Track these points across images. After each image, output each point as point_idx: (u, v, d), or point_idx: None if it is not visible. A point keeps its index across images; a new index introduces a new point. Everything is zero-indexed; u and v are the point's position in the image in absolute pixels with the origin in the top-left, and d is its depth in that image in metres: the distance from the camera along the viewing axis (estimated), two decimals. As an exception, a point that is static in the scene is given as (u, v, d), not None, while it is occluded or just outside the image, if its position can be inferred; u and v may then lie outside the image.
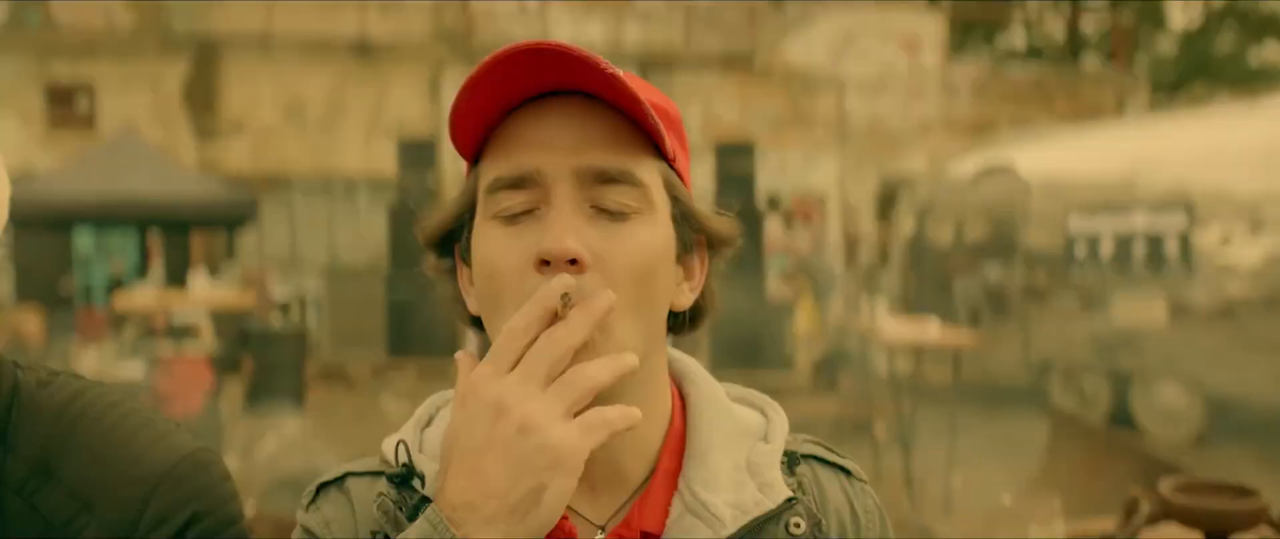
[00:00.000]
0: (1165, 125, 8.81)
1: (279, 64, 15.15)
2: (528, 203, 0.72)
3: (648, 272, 0.72)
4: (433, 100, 15.58)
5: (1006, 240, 8.83)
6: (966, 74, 16.88)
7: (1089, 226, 7.86)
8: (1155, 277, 7.36)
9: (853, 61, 16.23)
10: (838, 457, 0.84)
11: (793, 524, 0.76)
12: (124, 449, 0.80)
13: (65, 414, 0.80)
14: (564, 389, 0.65)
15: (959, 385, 6.18)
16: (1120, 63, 17.99)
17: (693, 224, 0.77)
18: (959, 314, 9.25)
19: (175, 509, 0.79)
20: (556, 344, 0.66)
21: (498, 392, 0.65)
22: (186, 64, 15.17)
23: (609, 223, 0.72)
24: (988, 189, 9.16)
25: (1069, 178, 8.32)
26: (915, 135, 16.07)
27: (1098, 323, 7.88)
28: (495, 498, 0.64)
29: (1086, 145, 8.76)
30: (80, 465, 0.78)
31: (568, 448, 0.64)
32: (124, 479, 0.78)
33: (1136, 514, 1.80)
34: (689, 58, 15.87)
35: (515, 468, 0.64)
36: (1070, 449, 3.59)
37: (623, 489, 0.77)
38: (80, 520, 0.75)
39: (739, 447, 0.79)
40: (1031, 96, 16.94)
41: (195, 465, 0.81)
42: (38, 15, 15.10)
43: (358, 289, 12.21)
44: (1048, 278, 8.37)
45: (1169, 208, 7.26)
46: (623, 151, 0.72)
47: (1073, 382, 8.17)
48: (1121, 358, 7.71)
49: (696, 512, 0.75)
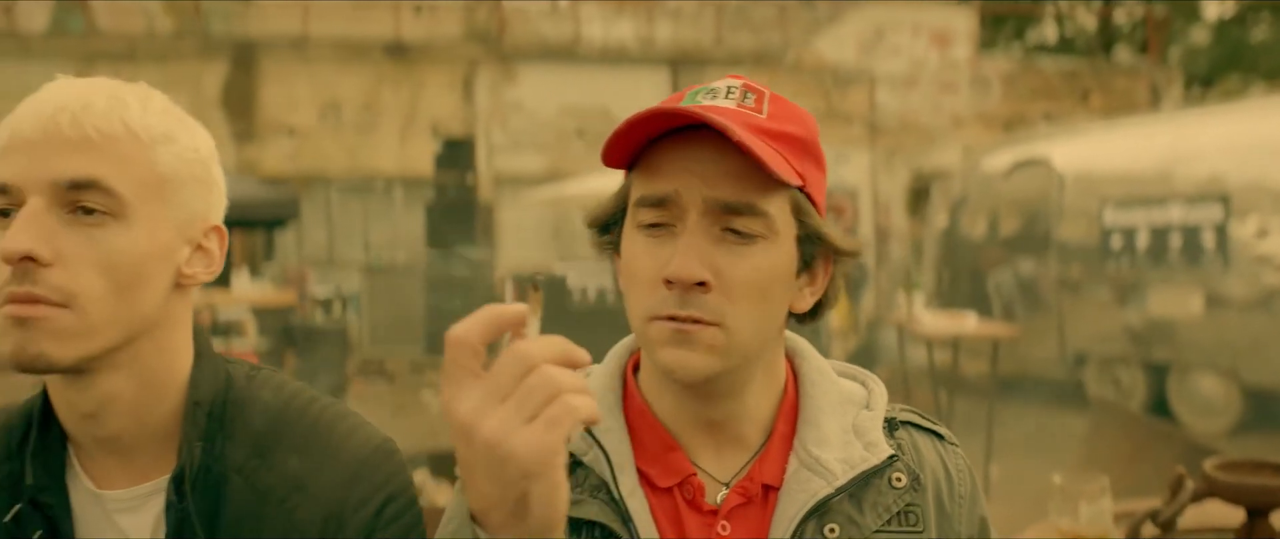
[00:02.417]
0: (1201, 118, 8.80)
1: (315, 65, 15.39)
2: (666, 219, 0.84)
3: (764, 289, 0.84)
4: (466, 99, 15.75)
5: (1040, 233, 8.85)
6: (998, 67, 16.83)
7: (1124, 219, 7.88)
8: (1191, 268, 7.38)
9: (883, 57, 16.24)
10: (931, 423, 0.95)
11: (894, 478, 0.88)
12: (328, 438, 0.92)
13: (275, 405, 0.92)
14: (523, 398, 0.65)
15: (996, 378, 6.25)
16: (1154, 54, 17.85)
17: (817, 242, 0.87)
18: (992, 307, 9.29)
19: (374, 491, 0.91)
20: (515, 360, 0.66)
21: (462, 413, 0.66)
22: (225, 66, 15.44)
23: (735, 244, 0.83)
24: (1021, 182, 9.18)
25: (1104, 171, 8.34)
26: (947, 129, 16.06)
27: (1133, 315, 7.90)
28: (495, 508, 0.68)
29: (1122, 138, 8.77)
30: (291, 451, 0.90)
31: (530, 454, 0.64)
32: (331, 464, 0.91)
33: (1182, 491, 1.89)
34: (719, 55, 15.94)
35: (496, 482, 0.66)
36: (1111, 436, 3.66)
37: (743, 450, 0.89)
38: (293, 499, 0.87)
39: (845, 412, 0.90)
40: (1064, 89, 16.87)
41: (385, 454, 0.94)
42: (80, 20, 15.41)
43: (396, 286, 12.41)
44: (1082, 271, 8.39)
45: (1205, 200, 7.27)
46: (749, 186, 0.82)
47: (1109, 373, 8.19)
48: (1157, 350, 7.74)
49: (811, 466, 0.87)
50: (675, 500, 0.88)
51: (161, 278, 0.87)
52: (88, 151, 0.83)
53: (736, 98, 0.86)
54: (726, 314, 0.83)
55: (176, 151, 0.89)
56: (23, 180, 0.82)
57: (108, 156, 0.84)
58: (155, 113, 0.89)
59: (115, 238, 0.84)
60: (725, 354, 0.85)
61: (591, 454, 0.88)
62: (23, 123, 0.83)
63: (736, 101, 0.86)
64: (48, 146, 0.82)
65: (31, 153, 0.82)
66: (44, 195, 0.81)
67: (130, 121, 0.85)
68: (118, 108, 0.85)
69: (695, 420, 0.90)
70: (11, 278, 0.80)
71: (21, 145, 0.82)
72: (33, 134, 0.82)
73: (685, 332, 0.84)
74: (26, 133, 0.82)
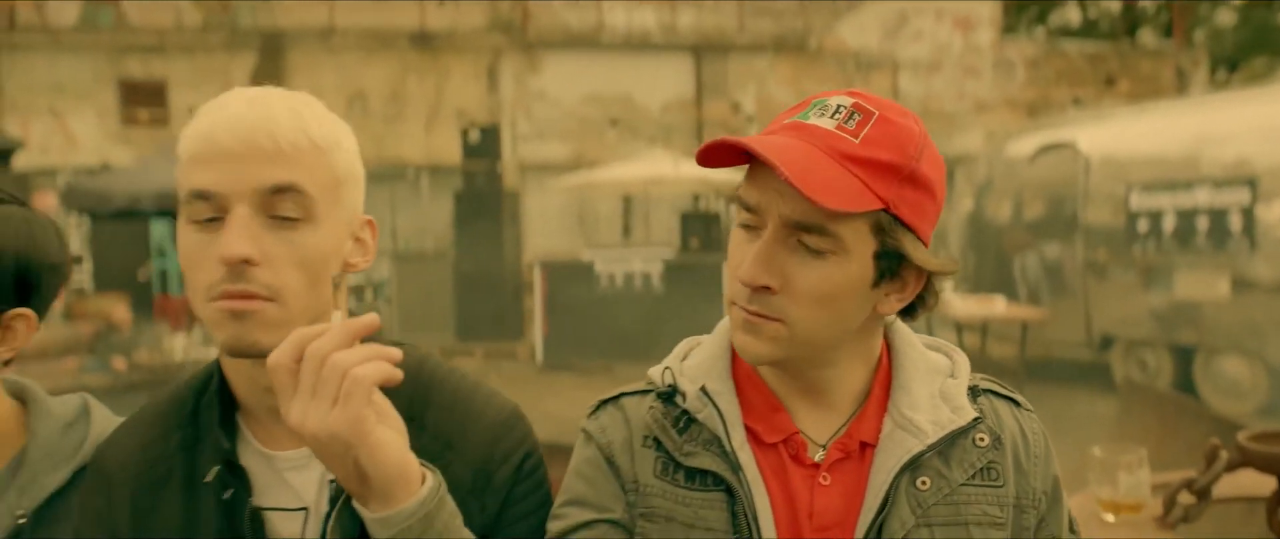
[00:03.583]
0: (1228, 101, 8.81)
1: (341, 56, 15.55)
2: (756, 223, 0.96)
3: (828, 296, 0.94)
4: (491, 89, 15.88)
5: (1066, 217, 8.90)
6: (1021, 51, 16.79)
7: (1151, 203, 7.93)
8: (1218, 251, 7.42)
9: (906, 42, 16.24)
10: (1009, 390, 1.07)
11: (978, 438, 1.00)
12: (469, 404, 1.05)
13: (420, 376, 1.03)
14: (321, 389, 0.81)
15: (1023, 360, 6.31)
16: (1179, 37, 17.75)
17: (899, 258, 0.96)
18: (1018, 291, 9.35)
19: (515, 448, 1.04)
20: (309, 360, 0.81)
21: (293, 421, 0.82)
22: (252, 58, 15.62)
23: (805, 256, 0.94)
24: (1047, 166, 9.22)
25: (1130, 154, 8.37)
26: (971, 114, 16.06)
27: (1160, 298, 7.95)
28: (352, 485, 0.85)
29: (1148, 122, 8.79)
30: (439, 416, 1.02)
31: (340, 429, 0.80)
32: (476, 425, 1.03)
33: (1217, 461, 1.99)
34: (742, 42, 15.99)
35: (337, 462, 0.83)
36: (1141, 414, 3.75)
37: (840, 414, 1.01)
38: (445, 457, 0.98)
39: (933, 380, 1.02)
40: (1088, 72, 16.81)
41: (518, 417, 1.07)
42: (110, 15, 15.61)
43: (425, 273, 12.55)
44: (1108, 254, 8.43)
45: (1232, 183, 7.31)
46: (820, 208, 0.91)
47: (1135, 356, 8.25)
48: (1184, 332, 7.79)
49: (904, 426, 0.98)
50: (780, 455, 0.98)
51: (335, 270, 0.99)
52: (282, 162, 0.94)
53: (840, 118, 0.94)
54: (789, 313, 0.94)
55: (343, 155, 1.00)
56: (228, 189, 0.92)
57: (299, 165, 0.95)
58: (326, 121, 1.00)
59: (307, 237, 0.95)
60: (787, 345, 0.96)
61: (705, 412, 0.99)
62: (220, 136, 0.93)
63: (838, 122, 0.93)
64: (249, 159, 0.92)
65: (234, 164, 0.92)
66: (248, 202, 0.92)
67: (310, 132, 0.96)
68: (298, 120, 0.96)
69: (794, 387, 1.01)
70: (226, 277, 0.91)
71: (222, 157, 0.92)
72: (234, 147, 0.92)
73: (753, 322, 0.96)
74: (227, 146, 0.92)
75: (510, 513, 1.02)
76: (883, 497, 0.96)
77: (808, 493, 0.98)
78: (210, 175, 0.93)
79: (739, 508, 0.96)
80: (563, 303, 10.65)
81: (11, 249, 1.09)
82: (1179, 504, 2.01)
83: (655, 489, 0.99)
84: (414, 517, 0.84)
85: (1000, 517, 0.99)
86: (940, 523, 0.96)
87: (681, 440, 1.00)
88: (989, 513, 0.98)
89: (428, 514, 0.85)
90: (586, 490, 1.02)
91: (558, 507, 1.03)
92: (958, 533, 0.97)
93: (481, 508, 0.99)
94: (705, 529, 0.96)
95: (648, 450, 1.01)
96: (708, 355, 1.04)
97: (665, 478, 0.99)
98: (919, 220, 0.96)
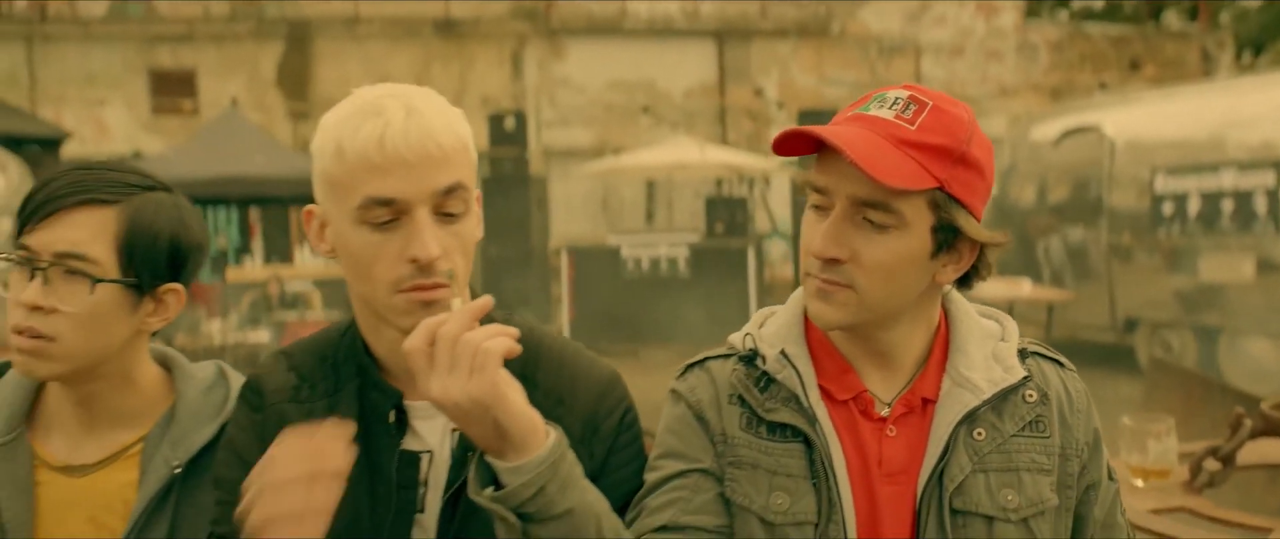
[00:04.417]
0: (1255, 84, 8.83)
1: (366, 45, 15.70)
2: (825, 203, 1.09)
3: (892, 267, 1.07)
4: (515, 76, 16.01)
5: (1091, 200, 8.95)
6: (1045, 35, 16.75)
7: (1176, 186, 7.97)
8: (1243, 234, 7.47)
9: (929, 26, 16.24)
10: (1054, 353, 1.20)
11: (1027, 394, 1.13)
12: (576, 364, 1.19)
13: (529, 343, 1.15)
14: (457, 364, 0.94)
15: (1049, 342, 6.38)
16: (1204, 19, 17.65)
17: (955, 231, 1.08)
18: (1042, 274, 9.42)
19: (617, 404, 1.18)
20: (442, 342, 0.95)
21: (434, 394, 0.95)
22: (279, 47, 15.80)
23: (871, 231, 1.07)
24: (1071, 150, 9.27)
25: (1156, 138, 8.42)
26: (994, 98, 16.05)
27: (1184, 280, 8.00)
28: (487, 441, 0.97)
29: (1173, 106, 8.82)
30: (548, 376, 1.16)
31: (479, 395, 0.94)
32: (583, 383, 1.17)
33: (1241, 429, 2.11)
34: (765, 27, 16.03)
35: (477, 424, 0.96)
36: (1166, 391, 3.85)
37: (903, 374, 1.14)
38: (556, 412, 1.11)
39: (986, 343, 1.15)
40: (1113, 56, 16.77)
41: (617, 377, 1.21)
42: (139, 4, 15.83)
43: (453, 260, 12.69)
44: (1133, 237, 8.49)
45: (1258, 166, 7.35)
46: (883, 187, 1.03)
47: (1159, 338, 8.31)
48: (1208, 315, 7.84)
49: (961, 383, 1.11)
50: (851, 411, 1.13)
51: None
52: (446, 165, 1.06)
53: (898, 108, 1.06)
54: (858, 281, 1.07)
55: (472, 143, 1.13)
56: (409, 196, 1.04)
57: (459, 165, 1.08)
58: (459, 117, 1.12)
59: (467, 226, 1.09)
60: (857, 311, 1.08)
61: (784, 373, 1.13)
62: (393, 147, 1.04)
63: (896, 112, 1.06)
64: (421, 166, 1.04)
65: (409, 172, 1.04)
66: (426, 205, 1.05)
67: (457, 131, 1.09)
68: (446, 121, 1.08)
69: (862, 350, 1.14)
70: (415, 273, 1.05)
71: (399, 167, 1.04)
72: (408, 156, 1.04)
73: (826, 290, 1.08)
74: (402, 155, 1.04)
75: (614, 460, 1.16)
76: (943, 446, 1.09)
77: (876, 443, 1.11)
78: (389, 184, 1.04)
79: (816, 457, 1.10)
80: (589, 287, 10.79)
81: (167, 231, 1.23)
82: (1205, 470, 2.13)
83: (741, 441, 1.12)
84: (545, 463, 0.97)
85: (1047, 464, 1.12)
86: (994, 469, 1.10)
87: (763, 398, 1.13)
88: (1037, 460, 1.11)
89: (555, 462, 0.98)
90: (678, 444, 1.15)
91: (653, 460, 1.16)
92: (1010, 478, 1.10)
93: (590, 455, 1.13)
94: (786, 476, 1.10)
95: (734, 407, 1.14)
96: (783, 323, 1.17)
97: (750, 431, 1.13)
98: (971, 197, 1.08)
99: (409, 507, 1.12)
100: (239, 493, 0.99)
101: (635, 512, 1.13)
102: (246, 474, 1.00)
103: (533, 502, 0.96)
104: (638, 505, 1.14)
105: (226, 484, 1.13)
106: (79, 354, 1.19)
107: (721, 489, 1.12)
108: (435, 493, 1.12)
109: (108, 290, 1.19)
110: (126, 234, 1.20)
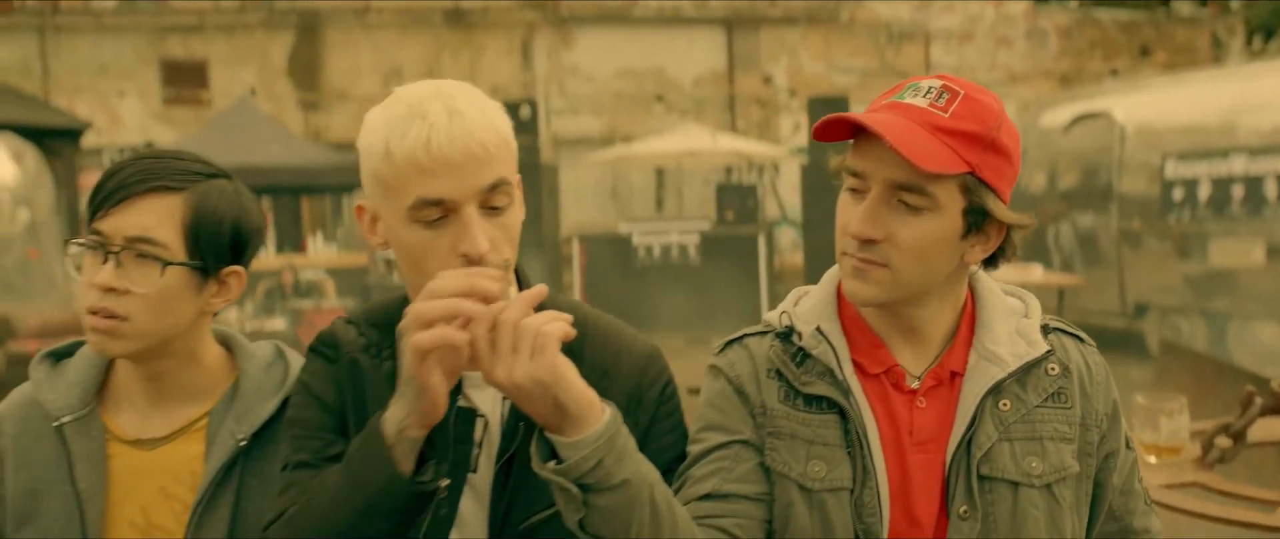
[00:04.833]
0: (1265, 70, 8.83)
1: (376, 34, 15.76)
2: (860, 186, 1.15)
3: (925, 248, 1.13)
4: (525, 65, 16.05)
5: (1101, 186, 8.97)
6: (1055, 20, 16.72)
7: (1186, 171, 8.00)
8: (1253, 219, 7.49)
9: (938, 12, 16.22)
10: (1074, 329, 1.26)
11: (1049, 368, 1.19)
12: (618, 342, 1.25)
13: (577, 320, 1.19)
14: (518, 347, 0.98)
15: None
16: (1214, 5, 17.59)
17: (984, 214, 1.14)
18: (1053, 260, 9.45)
19: (659, 376, 1.25)
20: (503, 327, 0.99)
21: (497, 377, 1.00)
22: (290, 38, 15.87)
23: (905, 212, 1.13)
24: (1082, 136, 9.28)
25: (1166, 124, 8.43)
26: (1004, 84, 16.05)
27: (1195, 266, 8.03)
28: (547, 418, 1.01)
29: (1184, 91, 8.83)
30: (594, 351, 1.22)
31: (540, 376, 0.98)
32: (627, 357, 1.24)
33: (1252, 407, 2.17)
34: (774, 14, 16.04)
35: (538, 402, 1.00)
36: (1178, 375, 3.90)
37: (932, 349, 1.20)
38: (602, 384, 1.15)
39: (1011, 320, 1.21)
40: (1123, 41, 16.73)
41: (656, 352, 1.28)
42: (151, -4, 15.90)
43: (464, 248, 12.74)
44: (1143, 223, 8.52)
45: (1268, 151, 7.37)
46: (917, 170, 1.09)
47: (1170, 323, 8.35)
48: (1219, 300, 7.87)
49: (987, 357, 1.18)
50: (882, 384, 1.19)
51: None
52: (490, 162, 1.11)
53: (931, 97, 1.12)
54: (893, 260, 1.13)
55: (512, 135, 1.19)
56: (458, 195, 1.09)
57: (502, 161, 1.12)
58: (498, 111, 1.17)
59: (512, 217, 1.15)
60: (890, 288, 1.14)
61: (820, 348, 1.19)
62: (440, 149, 1.09)
63: (929, 100, 1.12)
64: (467, 166, 1.09)
65: (456, 172, 1.09)
66: (473, 202, 1.10)
67: (498, 127, 1.14)
68: (486, 118, 1.13)
69: (893, 326, 1.21)
70: (466, 266, 1.09)
71: (447, 168, 1.09)
72: (455, 157, 1.08)
73: (862, 268, 1.15)
74: (450, 157, 1.08)
75: (656, 429, 1.23)
76: (971, 416, 1.16)
77: (907, 414, 1.18)
78: (437, 185, 1.10)
79: (851, 427, 1.16)
80: (601, 275, 10.85)
81: (230, 216, 1.30)
82: (1216, 447, 2.19)
83: (780, 413, 1.19)
84: (602, 438, 1.03)
85: (1069, 433, 1.18)
86: (1019, 438, 1.16)
87: (800, 372, 1.20)
88: (1059, 430, 1.18)
89: (612, 436, 1.03)
90: (719, 417, 1.21)
91: (695, 432, 1.23)
92: (1034, 446, 1.16)
93: (634, 425, 1.19)
94: (823, 445, 1.16)
95: (772, 381, 1.20)
96: (818, 301, 1.24)
97: (788, 403, 1.19)
98: (999, 181, 1.15)
99: (463, 462, 1.18)
100: (314, 430, 1.04)
101: (680, 481, 1.19)
102: (322, 414, 1.05)
103: (592, 473, 1.02)
104: (682, 476, 1.20)
105: (300, 423, 1.20)
106: (150, 333, 1.25)
107: (761, 459, 1.18)
108: (488, 457, 1.19)
109: (176, 273, 1.25)
110: (192, 219, 1.26)
